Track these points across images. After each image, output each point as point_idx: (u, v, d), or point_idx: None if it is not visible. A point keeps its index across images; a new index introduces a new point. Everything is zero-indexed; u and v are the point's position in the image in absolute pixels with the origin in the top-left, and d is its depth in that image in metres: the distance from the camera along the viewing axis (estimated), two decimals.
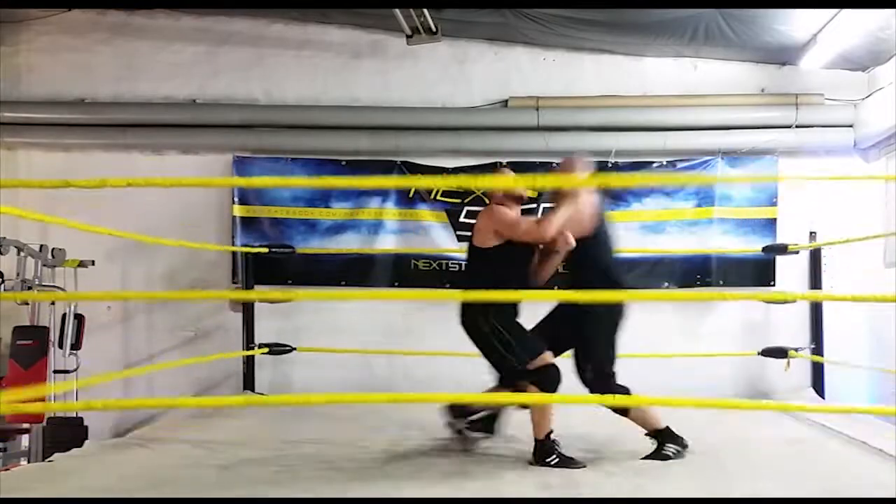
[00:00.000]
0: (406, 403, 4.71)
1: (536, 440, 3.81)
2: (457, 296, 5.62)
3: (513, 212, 4.03)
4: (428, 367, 6.22)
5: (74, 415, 5.68)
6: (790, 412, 5.48)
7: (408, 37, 5.90)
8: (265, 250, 6.19)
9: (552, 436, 3.80)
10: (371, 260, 6.48)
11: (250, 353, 6.14)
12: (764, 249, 6.17)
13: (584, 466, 3.74)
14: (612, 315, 3.93)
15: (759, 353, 6.10)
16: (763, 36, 5.83)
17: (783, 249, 6.06)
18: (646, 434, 3.93)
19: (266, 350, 6.13)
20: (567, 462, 3.75)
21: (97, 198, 5.82)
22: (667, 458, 3.83)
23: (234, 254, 6.47)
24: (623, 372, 6.13)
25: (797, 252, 6.03)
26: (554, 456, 3.75)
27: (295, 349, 6.27)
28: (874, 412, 4.16)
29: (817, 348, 6.06)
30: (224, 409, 5.73)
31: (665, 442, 3.88)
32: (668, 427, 3.91)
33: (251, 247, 6.26)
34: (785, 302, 5.84)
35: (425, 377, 6.22)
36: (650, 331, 6.34)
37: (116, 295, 6.60)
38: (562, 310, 4.05)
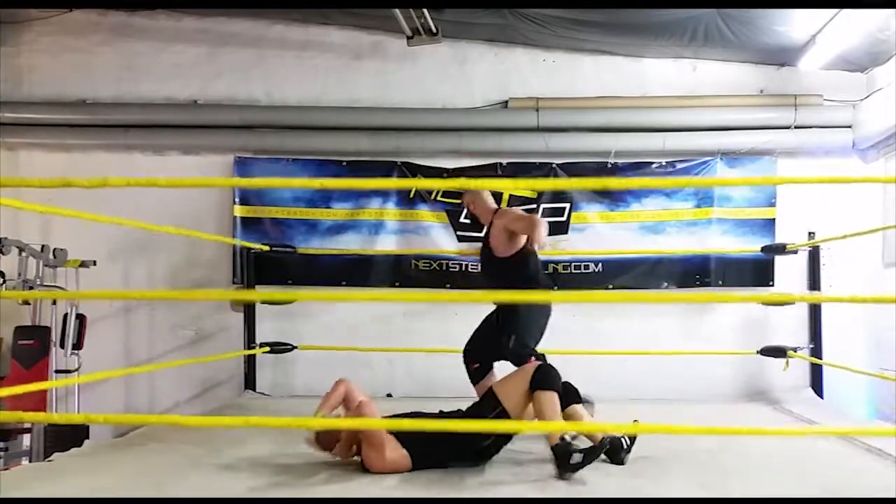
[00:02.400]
0: (404, 403, 4.71)
1: (551, 448, 3.59)
2: (457, 297, 5.77)
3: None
4: (429, 366, 6.25)
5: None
6: (788, 410, 5.51)
7: (408, 38, 5.91)
8: (267, 248, 6.20)
9: (565, 436, 3.57)
10: (371, 260, 6.49)
11: (251, 352, 6.15)
12: (763, 249, 6.18)
13: (608, 446, 3.57)
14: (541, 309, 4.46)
15: (758, 352, 6.11)
16: (762, 37, 5.84)
17: (782, 249, 6.07)
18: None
19: (267, 349, 6.14)
20: (592, 454, 3.50)
21: (98, 198, 5.82)
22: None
23: (234, 254, 6.49)
24: (622, 371, 6.24)
25: (796, 251, 6.03)
26: (575, 455, 3.48)
27: (296, 347, 6.28)
28: (879, 433, 4.10)
29: (816, 348, 6.07)
30: (224, 409, 5.75)
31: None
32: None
33: (254, 245, 6.26)
34: (783, 304, 5.87)
35: (426, 377, 6.25)
36: (650, 331, 6.39)
37: (117, 294, 6.61)
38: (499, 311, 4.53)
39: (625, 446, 3.77)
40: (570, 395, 3.98)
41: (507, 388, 3.79)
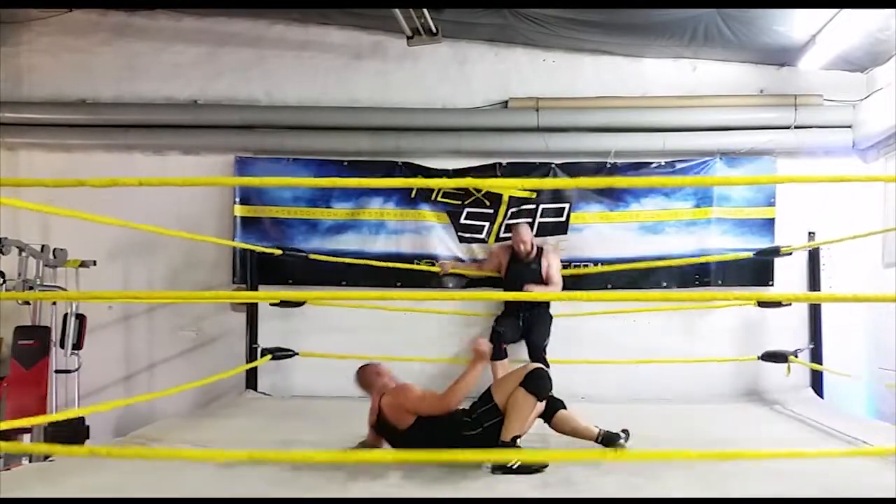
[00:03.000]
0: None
1: (501, 441, 3.69)
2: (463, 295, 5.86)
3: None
4: (431, 370, 6.25)
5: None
6: (789, 409, 5.51)
7: (408, 38, 5.92)
8: (279, 252, 6.14)
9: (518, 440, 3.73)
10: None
11: (252, 364, 6.14)
12: (757, 254, 6.15)
13: (545, 468, 3.61)
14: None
15: (758, 358, 6.09)
16: (762, 37, 5.84)
17: (775, 252, 6.04)
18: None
19: (269, 357, 6.12)
20: (528, 467, 3.59)
21: (98, 199, 5.84)
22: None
23: (234, 254, 6.48)
24: (623, 372, 6.25)
25: (790, 254, 6.01)
26: (515, 460, 3.58)
27: (297, 354, 6.27)
28: (877, 453, 4.06)
29: (816, 348, 6.06)
30: (224, 408, 5.75)
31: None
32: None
33: (261, 246, 6.21)
34: (780, 305, 5.85)
35: (426, 380, 6.24)
36: (649, 331, 6.39)
37: (119, 295, 6.61)
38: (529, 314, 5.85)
39: (622, 439, 3.88)
40: (555, 403, 4.05)
41: (502, 383, 3.95)
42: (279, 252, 6.15)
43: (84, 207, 5.75)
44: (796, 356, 5.91)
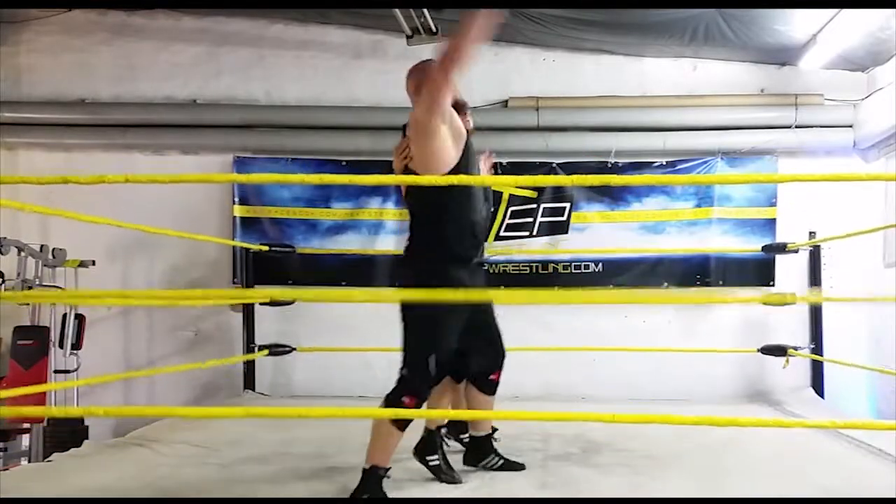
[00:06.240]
0: None
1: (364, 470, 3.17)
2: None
3: None
4: None
5: None
6: (789, 411, 5.50)
7: (408, 37, 5.91)
8: (265, 248, 6.18)
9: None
10: (372, 260, 6.48)
11: (250, 356, 6.13)
12: (764, 248, 6.16)
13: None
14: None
15: (758, 351, 6.10)
16: (763, 36, 5.84)
17: (782, 248, 6.05)
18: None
19: (266, 352, 6.12)
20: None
21: (97, 199, 5.81)
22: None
23: (234, 254, 6.48)
24: (622, 371, 6.24)
25: (797, 251, 6.01)
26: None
27: (295, 349, 6.28)
28: (875, 427, 4.07)
29: (817, 348, 6.05)
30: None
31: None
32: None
33: (252, 245, 6.25)
34: (784, 304, 5.83)
35: None
36: (649, 330, 6.38)
37: (117, 297, 6.60)
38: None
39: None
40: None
41: None
42: (266, 249, 6.16)
43: (84, 208, 5.75)
44: (796, 350, 5.91)
